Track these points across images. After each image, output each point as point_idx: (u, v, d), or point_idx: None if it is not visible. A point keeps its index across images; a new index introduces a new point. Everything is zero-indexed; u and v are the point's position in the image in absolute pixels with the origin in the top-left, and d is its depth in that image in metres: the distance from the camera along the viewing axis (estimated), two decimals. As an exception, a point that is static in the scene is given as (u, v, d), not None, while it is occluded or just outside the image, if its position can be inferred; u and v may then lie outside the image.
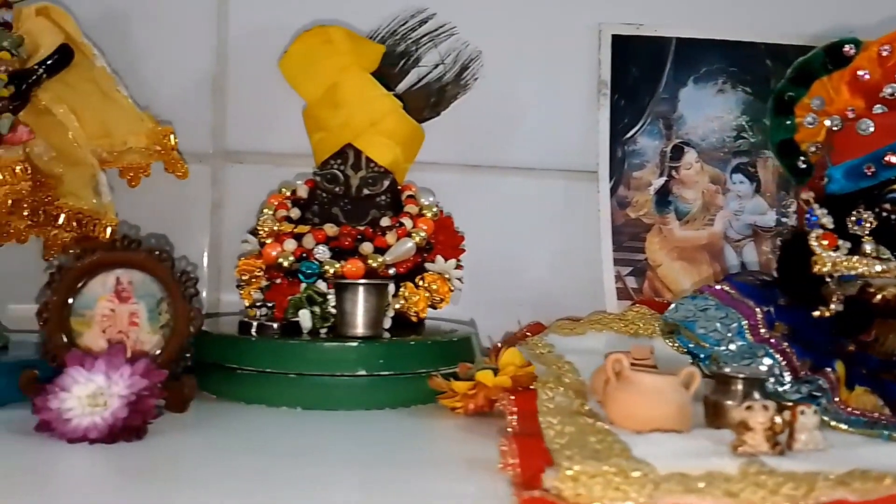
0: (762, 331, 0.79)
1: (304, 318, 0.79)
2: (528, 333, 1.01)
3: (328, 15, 1.01)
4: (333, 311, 0.80)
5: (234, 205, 1.04)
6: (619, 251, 1.06)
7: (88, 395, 0.61)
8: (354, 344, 0.76)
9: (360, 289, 0.77)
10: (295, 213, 0.92)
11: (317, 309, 0.79)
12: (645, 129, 1.07)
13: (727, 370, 0.70)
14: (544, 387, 0.69)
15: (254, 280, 0.88)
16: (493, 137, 1.06)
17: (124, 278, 0.72)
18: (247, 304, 0.88)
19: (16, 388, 0.70)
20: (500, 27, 1.05)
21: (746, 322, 0.79)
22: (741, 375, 0.69)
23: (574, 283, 1.06)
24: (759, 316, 0.80)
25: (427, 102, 0.96)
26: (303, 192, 0.94)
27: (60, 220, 0.86)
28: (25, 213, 0.84)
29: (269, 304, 0.80)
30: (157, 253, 0.72)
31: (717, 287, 0.83)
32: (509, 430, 0.65)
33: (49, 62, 0.84)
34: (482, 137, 1.06)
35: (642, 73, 1.07)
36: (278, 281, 0.86)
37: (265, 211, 0.92)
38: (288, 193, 0.95)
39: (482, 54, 1.00)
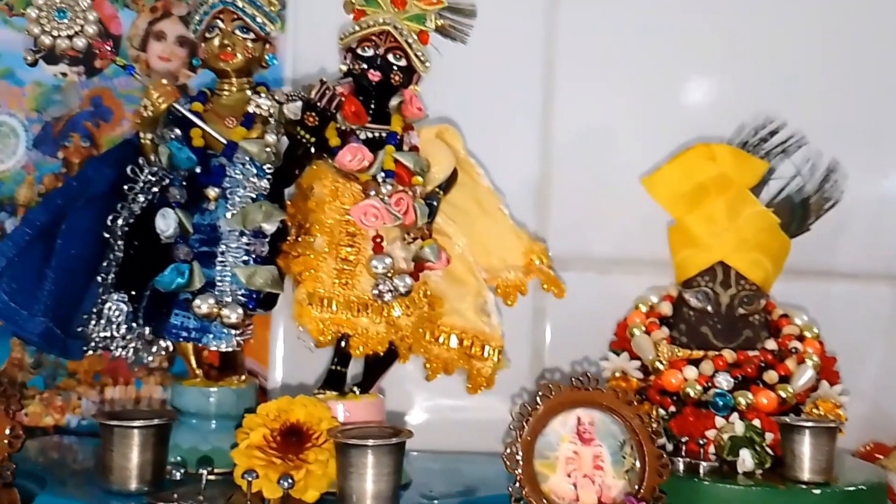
0: None
1: (747, 458, 0.75)
2: (877, 455, 0.96)
3: (674, 130, 0.98)
4: (769, 451, 0.76)
5: (556, 313, 1.01)
6: (954, 365, 1.01)
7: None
8: (817, 492, 0.71)
9: (809, 431, 0.73)
10: (664, 332, 0.89)
11: (758, 448, 0.74)
12: (971, 236, 1.03)
13: None
14: None
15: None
16: (816, 242, 1.02)
17: (585, 418, 0.69)
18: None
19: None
20: (825, 130, 1.02)
21: None
22: None
23: (906, 398, 1.02)
24: None
25: (793, 217, 0.92)
26: (666, 308, 0.91)
27: (441, 339, 0.84)
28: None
29: (701, 441, 0.76)
30: (619, 393, 0.68)
31: None
32: None
33: (445, 185, 0.83)
34: (805, 242, 1.01)
35: (968, 177, 1.03)
36: (672, 408, 0.82)
37: (635, 331, 0.89)
38: (645, 310, 0.91)
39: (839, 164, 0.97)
